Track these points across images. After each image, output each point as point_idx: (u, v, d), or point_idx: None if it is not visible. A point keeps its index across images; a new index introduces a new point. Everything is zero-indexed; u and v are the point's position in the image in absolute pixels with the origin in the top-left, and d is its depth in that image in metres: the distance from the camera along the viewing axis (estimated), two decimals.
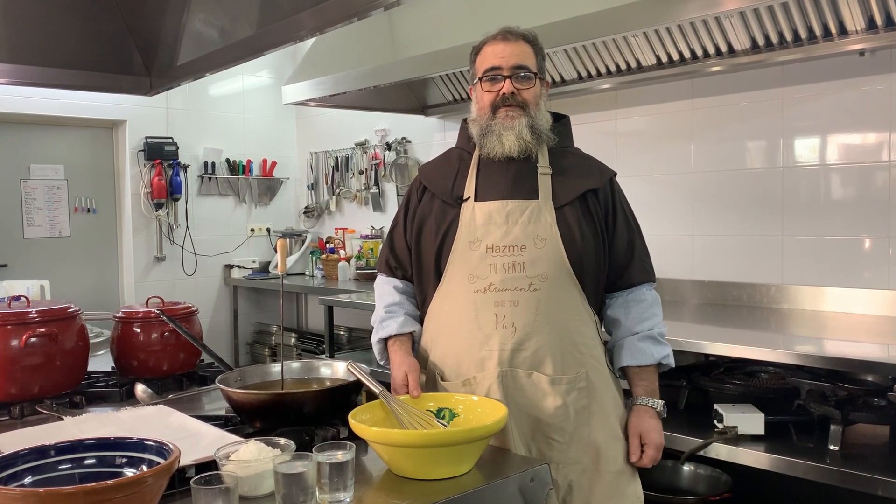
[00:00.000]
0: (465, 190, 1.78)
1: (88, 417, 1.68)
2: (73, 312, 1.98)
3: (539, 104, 1.76)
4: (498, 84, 1.74)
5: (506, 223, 1.71)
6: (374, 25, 3.60)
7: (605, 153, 3.55)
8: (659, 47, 2.95)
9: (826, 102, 2.93)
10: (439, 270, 1.77)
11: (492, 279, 1.69)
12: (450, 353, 1.74)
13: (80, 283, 4.92)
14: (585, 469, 1.70)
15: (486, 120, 1.76)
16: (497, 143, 1.73)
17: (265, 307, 5.66)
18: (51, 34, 2.41)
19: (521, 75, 1.73)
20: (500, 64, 1.74)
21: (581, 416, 1.70)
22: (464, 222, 1.74)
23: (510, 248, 1.69)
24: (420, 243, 1.82)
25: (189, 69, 2.40)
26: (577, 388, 1.69)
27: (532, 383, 1.67)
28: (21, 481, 1.13)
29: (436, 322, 1.78)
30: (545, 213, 1.71)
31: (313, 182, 5.56)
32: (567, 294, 1.70)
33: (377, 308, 1.87)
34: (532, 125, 1.73)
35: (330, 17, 1.74)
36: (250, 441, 1.32)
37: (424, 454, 1.34)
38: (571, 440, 1.69)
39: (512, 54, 1.74)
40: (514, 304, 1.68)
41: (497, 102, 1.74)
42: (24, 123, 4.74)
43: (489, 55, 1.76)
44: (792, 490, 2.44)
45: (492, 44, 1.77)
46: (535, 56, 1.77)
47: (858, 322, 2.69)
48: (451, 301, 1.74)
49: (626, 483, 1.75)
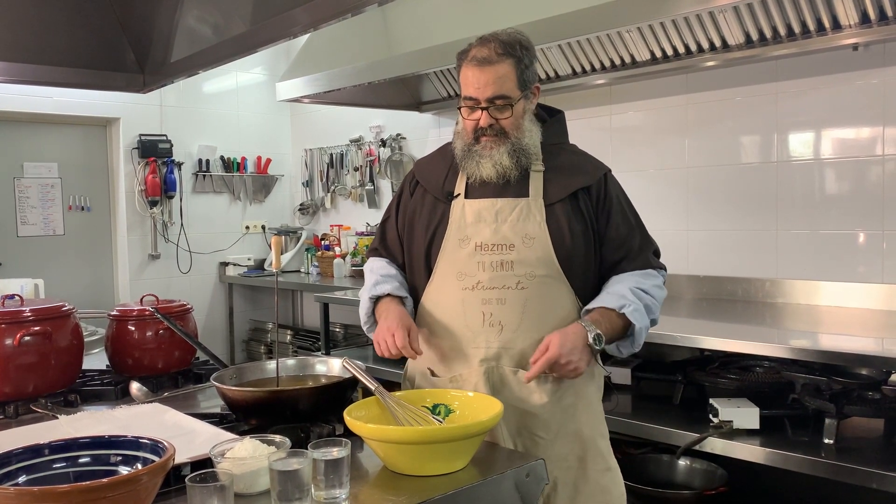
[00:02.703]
0: (455, 186, 1.77)
1: (83, 416, 1.68)
2: (67, 311, 1.97)
3: (521, 124, 1.71)
4: (475, 114, 1.69)
5: (495, 221, 1.70)
6: (369, 21, 3.59)
7: (599, 148, 3.54)
8: (653, 42, 2.95)
9: (820, 97, 2.93)
10: (429, 266, 1.76)
11: (480, 277, 1.68)
12: (438, 350, 1.74)
13: (74, 281, 4.91)
14: (570, 466, 1.71)
15: (467, 142, 1.73)
16: (476, 168, 1.71)
17: (260, 304, 5.66)
18: (43, 32, 2.40)
19: (499, 104, 1.67)
20: (476, 95, 1.67)
21: (567, 413, 1.70)
22: (453, 219, 1.73)
23: (498, 246, 1.69)
24: (411, 238, 1.82)
25: (183, 66, 2.39)
26: (562, 386, 1.70)
27: (518, 380, 1.67)
28: (15, 480, 1.13)
29: (425, 318, 1.78)
30: (534, 211, 1.70)
31: (308, 179, 5.55)
32: (555, 292, 1.69)
33: (367, 279, 1.84)
34: (513, 149, 1.69)
35: (324, 13, 1.73)
36: (245, 438, 1.32)
37: (420, 450, 1.34)
38: (556, 437, 1.69)
39: (487, 84, 1.65)
40: (501, 303, 1.67)
41: (477, 131, 1.70)
42: (17, 121, 4.72)
43: (468, 80, 1.69)
44: (787, 484, 2.45)
45: (469, 66, 1.68)
46: (517, 72, 1.67)
47: (853, 316, 2.70)
48: (440, 298, 1.74)
49: (610, 481, 1.75)
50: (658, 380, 2.70)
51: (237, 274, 5.33)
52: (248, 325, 5.62)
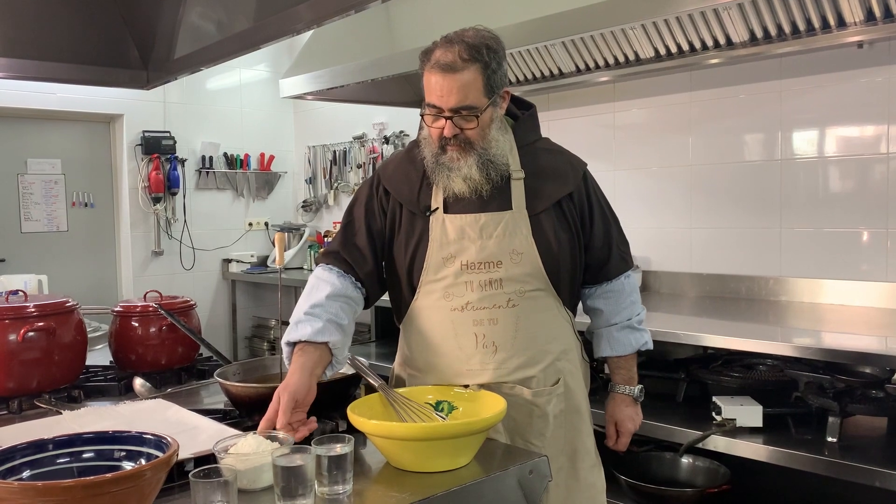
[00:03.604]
0: (432, 199, 1.68)
1: (87, 411, 1.68)
2: (70, 306, 1.97)
3: (488, 134, 1.62)
4: (440, 122, 1.59)
5: (480, 237, 1.63)
6: (372, 18, 3.59)
7: (603, 146, 3.56)
8: (657, 40, 2.93)
9: (824, 95, 2.92)
10: (412, 284, 1.68)
11: (469, 297, 1.63)
12: (431, 369, 1.70)
13: (77, 277, 4.91)
14: (562, 467, 1.71)
15: (435, 152, 1.64)
16: (447, 182, 1.63)
17: (263, 301, 5.66)
18: (47, 28, 2.40)
19: (464, 114, 1.58)
20: (439, 104, 1.57)
21: (558, 420, 1.71)
22: (434, 236, 1.65)
23: (486, 264, 1.63)
24: (390, 253, 1.72)
25: (186, 63, 2.39)
26: (555, 396, 1.70)
27: (514, 395, 1.65)
28: (19, 475, 1.13)
29: (414, 338, 1.73)
30: (520, 224, 1.64)
31: (311, 176, 5.55)
32: (545, 305, 1.68)
33: (300, 303, 1.62)
34: (481, 161, 1.61)
35: (327, 10, 1.72)
36: (248, 434, 1.32)
37: (423, 447, 1.34)
38: (549, 442, 1.69)
39: (451, 92, 1.55)
40: (494, 323, 1.63)
41: (443, 140, 1.61)
42: (20, 118, 4.72)
43: (430, 86, 1.58)
44: (790, 482, 2.45)
45: (432, 72, 1.57)
46: (484, 78, 1.57)
47: (856, 314, 2.69)
48: (428, 318, 1.68)
49: (596, 475, 1.78)
50: (661, 377, 2.70)
51: (240, 271, 5.33)
52: (250, 322, 5.62)
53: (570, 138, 2.18)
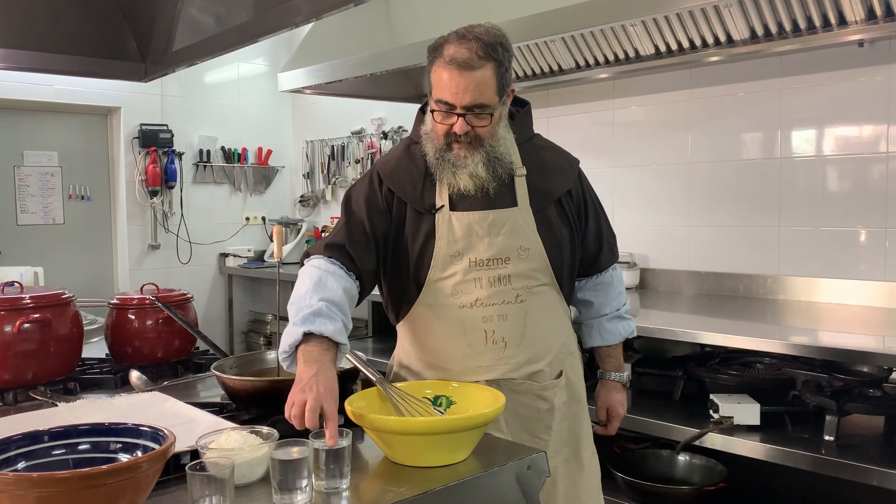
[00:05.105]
0: (437, 197, 1.67)
1: (83, 404, 1.68)
2: (66, 298, 1.97)
3: (495, 132, 1.62)
4: (451, 119, 1.58)
5: (488, 235, 1.64)
6: (371, 12, 3.57)
7: (602, 143, 3.55)
8: (657, 36, 2.93)
9: (824, 93, 2.92)
10: (419, 283, 1.67)
11: (478, 294, 1.64)
12: (438, 367, 1.69)
13: (74, 270, 4.90)
14: (567, 458, 1.75)
15: (439, 148, 1.63)
16: (452, 179, 1.62)
17: (260, 296, 5.65)
18: (44, 19, 2.38)
19: (477, 112, 1.57)
20: (454, 101, 1.56)
21: (562, 411, 1.74)
22: (441, 234, 1.64)
23: (494, 260, 1.64)
24: (396, 251, 1.70)
25: (184, 55, 2.38)
26: (560, 388, 1.74)
27: (523, 391, 1.68)
28: (15, 466, 1.12)
29: (419, 334, 1.72)
30: (527, 220, 1.67)
31: (309, 171, 5.54)
32: (550, 299, 1.72)
33: (308, 290, 1.53)
34: (488, 159, 1.61)
35: (327, 3, 1.72)
36: (227, 430, 1.31)
37: (421, 442, 1.33)
38: (556, 435, 1.73)
39: (467, 90, 1.54)
40: (503, 319, 1.65)
41: (450, 136, 1.60)
42: (17, 109, 4.70)
43: (443, 83, 1.56)
44: (787, 480, 2.45)
45: (447, 68, 1.55)
46: (497, 77, 1.56)
47: (854, 313, 2.69)
48: (436, 316, 1.68)
49: (596, 463, 1.84)
50: (658, 375, 2.70)
51: (237, 265, 5.32)
52: (247, 317, 5.61)
53: (569, 135, 2.18)
